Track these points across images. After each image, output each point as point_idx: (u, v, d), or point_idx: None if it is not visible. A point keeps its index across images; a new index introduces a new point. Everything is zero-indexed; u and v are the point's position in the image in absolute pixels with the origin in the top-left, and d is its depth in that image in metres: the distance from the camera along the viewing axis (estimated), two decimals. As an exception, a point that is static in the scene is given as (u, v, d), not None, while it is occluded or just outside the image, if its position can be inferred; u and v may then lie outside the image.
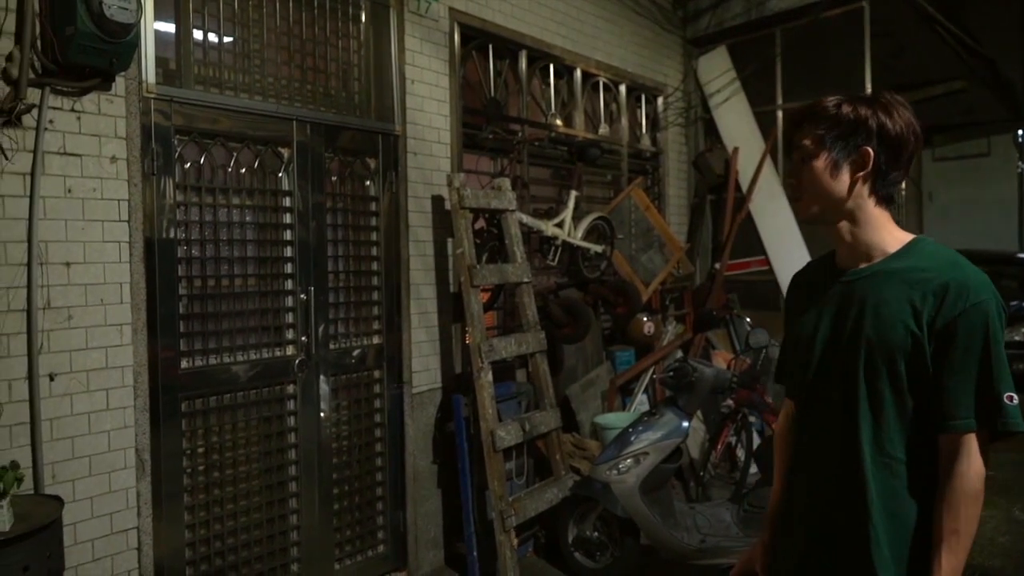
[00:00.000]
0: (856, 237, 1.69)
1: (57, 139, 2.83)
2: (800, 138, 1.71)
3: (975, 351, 1.55)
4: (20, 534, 2.33)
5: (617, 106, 5.97)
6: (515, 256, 4.38)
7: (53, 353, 2.81)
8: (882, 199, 1.68)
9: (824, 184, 1.67)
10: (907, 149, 1.66)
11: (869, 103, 1.66)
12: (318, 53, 3.82)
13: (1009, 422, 1.54)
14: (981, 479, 1.56)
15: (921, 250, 1.65)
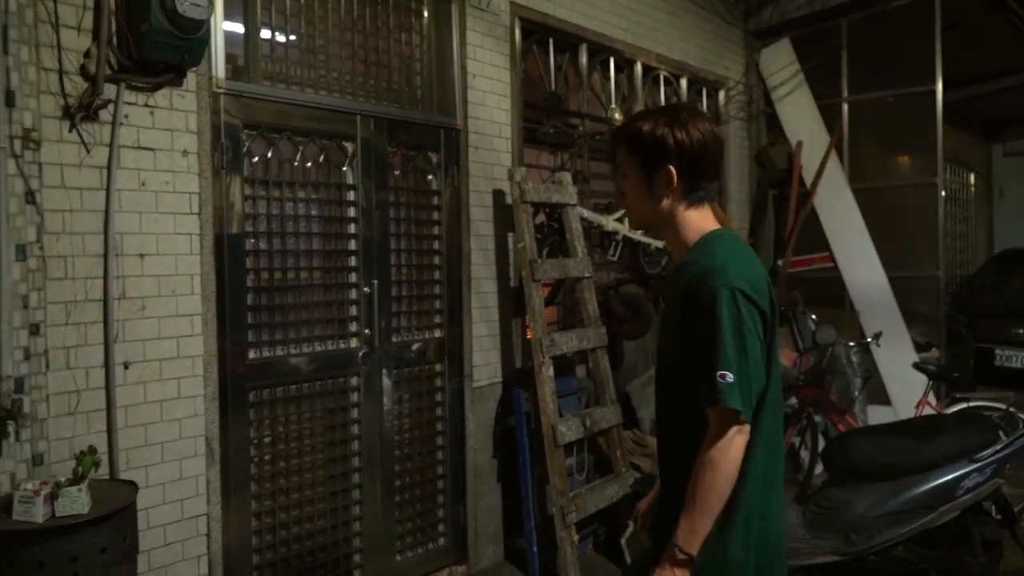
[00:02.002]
0: (675, 238, 1.89)
1: (132, 133, 2.90)
2: (618, 156, 1.92)
3: (705, 336, 1.70)
4: (98, 516, 2.39)
5: (678, 100, 5.89)
6: (576, 251, 4.35)
7: (128, 342, 2.88)
8: (694, 202, 1.85)
9: (641, 198, 1.88)
10: (708, 157, 1.83)
11: (668, 122, 1.82)
12: (381, 48, 3.85)
13: (719, 398, 1.67)
14: (721, 451, 1.68)
15: (703, 243, 1.82)
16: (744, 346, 1.68)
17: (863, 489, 3.69)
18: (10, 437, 2.56)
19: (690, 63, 5.89)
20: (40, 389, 2.65)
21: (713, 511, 1.70)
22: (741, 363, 1.68)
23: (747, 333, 1.69)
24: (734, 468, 1.70)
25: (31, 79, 2.63)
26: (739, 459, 1.70)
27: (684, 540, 1.70)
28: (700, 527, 1.70)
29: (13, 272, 2.57)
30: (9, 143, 2.57)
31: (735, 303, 1.69)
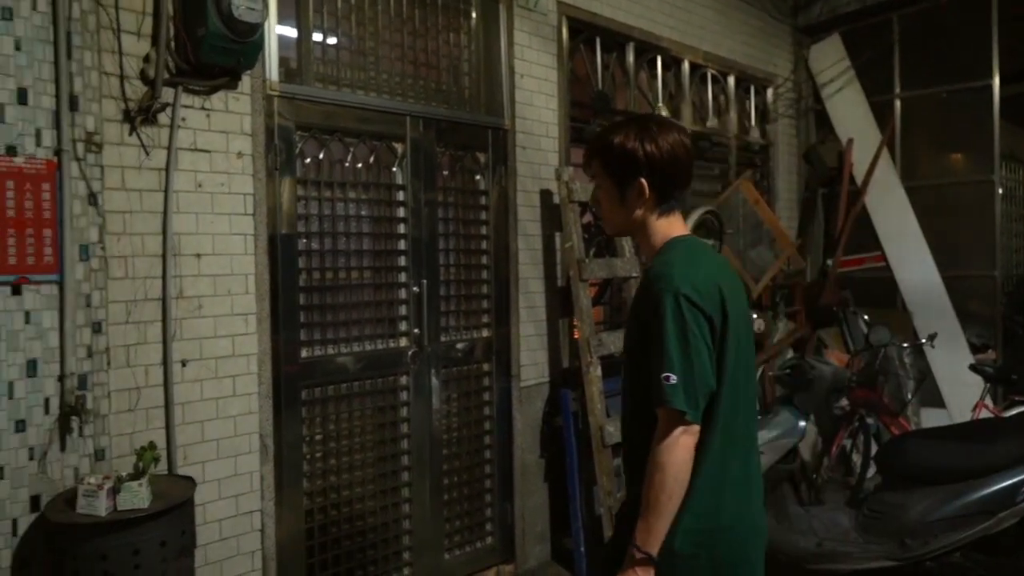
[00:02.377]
0: (645, 245, 1.96)
1: (189, 136, 2.96)
2: (592, 169, 1.98)
3: (656, 340, 1.76)
4: (158, 511, 2.45)
5: (725, 98, 5.83)
6: (623, 250, 4.34)
7: (185, 340, 2.94)
8: (665, 212, 1.92)
9: (614, 209, 1.95)
10: (678, 168, 1.90)
11: (638, 135, 1.87)
12: (430, 49, 3.88)
13: (664, 399, 1.73)
14: (667, 451, 1.73)
15: (663, 249, 1.90)
16: (688, 349, 1.73)
17: (919, 493, 3.62)
18: (74, 432, 2.64)
19: (738, 60, 5.83)
20: (102, 386, 2.71)
21: (665, 510, 1.74)
22: (685, 365, 1.73)
23: (691, 337, 1.74)
24: (682, 467, 1.74)
25: (93, 84, 2.70)
26: (686, 458, 1.75)
27: (641, 540, 1.75)
28: (655, 527, 1.74)
29: (76, 272, 2.64)
30: (72, 146, 2.64)
31: (679, 308, 1.74)
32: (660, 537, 1.75)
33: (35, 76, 2.56)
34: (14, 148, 2.52)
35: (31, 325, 2.55)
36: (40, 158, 2.57)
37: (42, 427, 2.57)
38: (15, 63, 2.52)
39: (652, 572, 1.76)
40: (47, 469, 2.58)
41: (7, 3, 2.50)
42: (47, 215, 2.58)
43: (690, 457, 1.75)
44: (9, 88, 2.51)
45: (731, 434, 1.83)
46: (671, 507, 1.74)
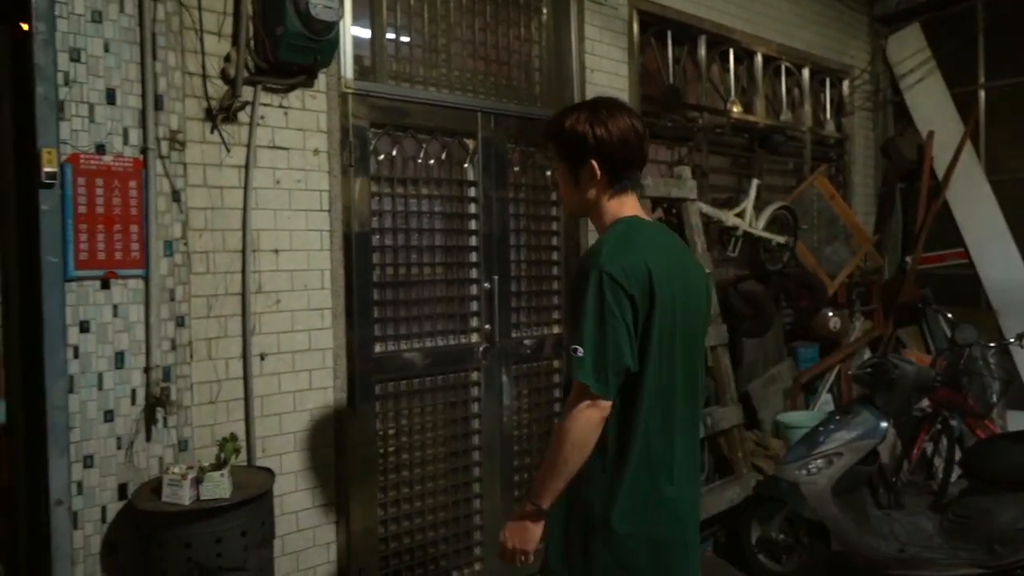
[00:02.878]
0: (598, 224, 2.01)
1: (267, 134, 3.01)
2: (549, 151, 2.06)
3: (575, 314, 1.83)
4: (239, 500, 2.50)
5: (799, 90, 5.69)
6: (695, 246, 4.27)
7: (263, 334, 2.99)
8: (617, 192, 1.96)
9: (570, 190, 2.01)
10: (628, 150, 1.94)
11: (588, 119, 1.93)
12: (501, 45, 3.88)
13: (574, 372, 1.79)
14: (571, 419, 1.79)
15: (609, 229, 1.95)
16: (603, 326, 1.78)
17: (1009, 498, 3.48)
18: (159, 423, 2.71)
19: (812, 52, 5.68)
20: (185, 378, 2.78)
21: (559, 472, 1.82)
22: (597, 341, 1.78)
23: (607, 314, 1.78)
24: (580, 436, 1.80)
25: (177, 84, 2.77)
26: (586, 429, 1.80)
27: (534, 494, 1.87)
28: (549, 485, 1.84)
29: (161, 267, 2.71)
30: (157, 144, 2.71)
31: (600, 285, 1.78)
32: (554, 494, 1.85)
33: (122, 77, 2.64)
34: (103, 147, 2.60)
35: (119, 318, 2.63)
36: (127, 156, 2.64)
37: (129, 417, 2.65)
38: (104, 64, 2.60)
39: (541, 522, 1.89)
40: (133, 458, 2.66)
41: (96, 6, 2.58)
42: (134, 212, 2.65)
43: (592, 430, 1.80)
44: (98, 88, 2.58)
45: (665, 414, 1.89)
46: (565, 470, 1.82)
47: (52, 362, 2.48)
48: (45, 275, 2.47)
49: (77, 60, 2.53)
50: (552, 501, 1.86)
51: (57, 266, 2.49)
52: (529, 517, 1.89)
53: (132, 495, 2.59)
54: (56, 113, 2.48)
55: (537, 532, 1.90)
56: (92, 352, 2.57)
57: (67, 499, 2.51)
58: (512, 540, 1.92)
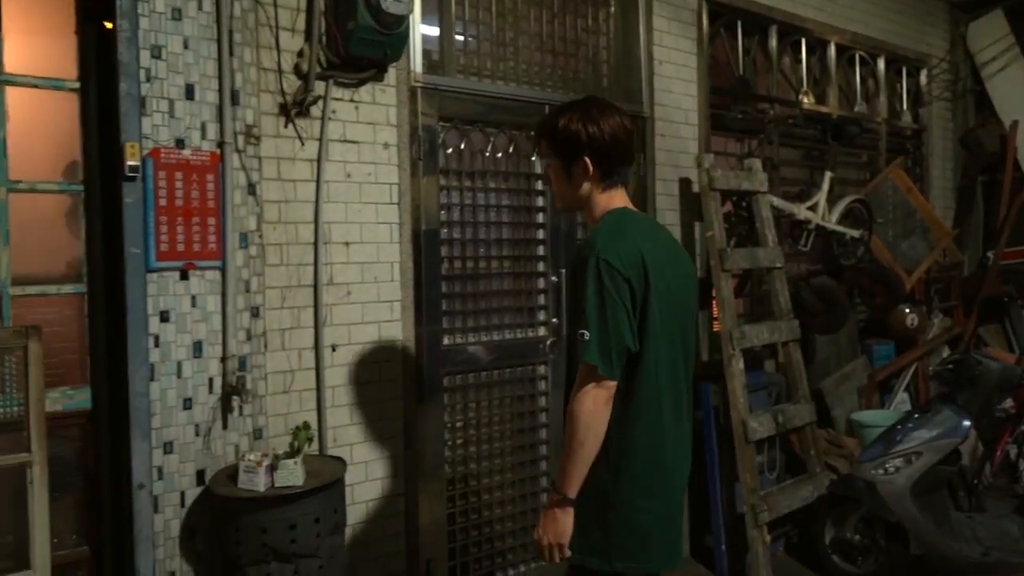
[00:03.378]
0: (590, 217, 2.12)
1: (338, 128, 3.05)
2: (541, 150, 2.17)
3: (578, 300, 1.93)
4: (313, 488, 2.53)
5: (875, 81, 5.54)
6: (766, 240, 4.18)
7: (334, 326, 3.03)
8: (608, 187, 2.08)
9: (561, 186, 2.12)
10: (620, 147, 2.06)
11: (580, 118, 2.02)
12: (569, 38, 3.86)
13: (581, 353, 1.87)
14: (579, 402, 1.87)
15: (601, 220, 2.06)
16: (604, 310, 1.87)
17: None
18: (234, 411, 2.77)
19: (888, 41, 5.52)
20: (260, 368, 2.84)
21: (578, 456, 1.88)
22: (600, 324, 1.87)
23: (608, 299, 1.87)
24: (592, 417, 1.87)
25: (252, 79, 2.83)
26: (597, 410, 1.87)
27: (560, 483, 1.93)
28: (571, 472, 1.89)
29: (237, 259, 2.77)
30: (234, 139, 2.77)
31: (599, 271, 1.88)
32: (578, 480, 1.90)
33: (201, 73, 2.70)
34: (182, 141, 2.66)
35: (197, 308, 2.70)
36: (205, 150, 2.71)
37: (206, 405, 2.71)
38: (183, 61, 2.67)
39: (571, 511, 1.92)
40: (211, 445, 2.72)
41: (176, 4, 2.65)
42: (211, 204, 2.72)
43: (603, 410, 1.88)
44: (178, 84, 2.66)
45: (665, 391, 1.99)
46: (584, 454, 1.88)
47: (134, 350, 2.56)
48: (128, 266, 2.55)
49: (158, 57, 2.61)
50: (578, 488, 1.91)
51: (139, 257, 2.57)
52: (558, 508, 1.93)
53: (210, 481, 2.66)
54: (138, 108, 2.56)
55: (569, 522, 1.94)
56: (172, 341, 2.64)
57: (148, 483, 2.58)
58: (547, 535, 1.95)
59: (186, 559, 2.68)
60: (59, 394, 2.59)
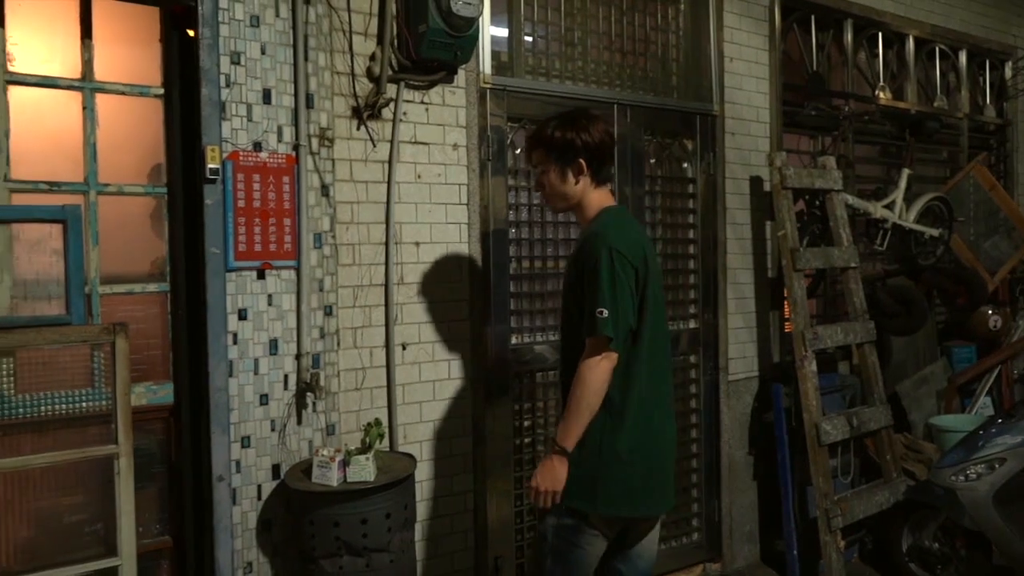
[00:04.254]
0: (583, 214, 2.43)
1: (409, 129, 3.10)
2: (535, 158, 2.46)
3: (589, 283, 2.23)
4: (384, 484, 2.58)
5: (956, 74, 5.36)
6: (841, 239, 4.08)
7: (405, 324, 3.08)
8: (599, 184, 2.42)
9: (559, 188, 2.41)
10: (608, 149, 2.42)
11: (573, 127, 2.36)
12: (637, 36, 3.84)
13: (596, 328, 2.18)
14: (588, 370, 2.20)
15: (597, 216, 2.39)
16: (616, 291, 2.19)
17: None
18: (308, 407, 2.84)
19: (970, 33, 5.33)
20: (332, 365, 2.90)
21: (582, 416, 2.21)
22: (613, 304, 2.18)
23: (618, 282, 2.19)
24: (599, 384, 2.21)
25: (326, 83, 2.89)
26: (604, 379, 2.21)
27: (560, 438, 2.25)
28: (572, 428, 2.22)
29: (311, 258, 2.84)
30: (308, 141, 2.83)
31: (611, 259, 2.20)
32: (576, 436, 2.23)
33: (277, 77, 2.78)
34: (259, 144, 2.74)
35: (273, 307, 2.77)
36: (281, 153, 2.78)
37: (282, 401, 2.79)
38: (261, 66, 2.74)
39: (566, 463, 2.24)
40: (286, 440, 2.80)
41: (254, 11, 2.72)
42: (287, 206, 2.79)
43: (607, 378, 2.22)
44: (256, 89, 2.73)
45: (654, 364, 2.32)
46: (586, 414, 2.21)
47: (214, 347, 2.65)
48: (208, 266, 2.64)
49: (237, 63, 2.69)
50: (574, 443, 2.23)
51: (219, 257, 2.65)
52: (557, 455, 2.25)
53: (285, 475, 2.73)
54: (219, 113, 2.65)
55: (564, 472, 2.25)
56: (249, 339, 2.72)
57: (227, 476, 2.67)
58: (544, 483, 2.26)
59: (262, 550, 2.76)
60: (144, 389, 2.69)
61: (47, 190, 2.55)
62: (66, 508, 2.64)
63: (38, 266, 2.54)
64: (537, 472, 2.28)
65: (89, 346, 2.56)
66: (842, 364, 4.53)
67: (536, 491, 2.28)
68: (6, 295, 2.47)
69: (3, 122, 2.47)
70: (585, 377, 2.20)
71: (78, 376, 2.59)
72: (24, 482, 2.54)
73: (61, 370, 2.57)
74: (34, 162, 2.55)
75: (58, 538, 2.61)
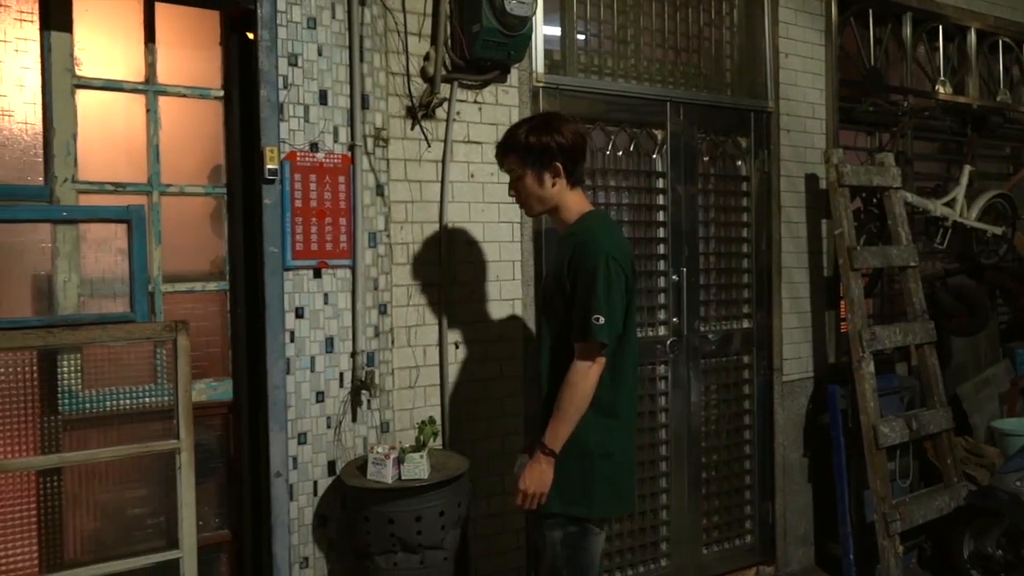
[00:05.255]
0: (561, 216, 2.45)
1: (462, 129, 3.11)
2: (509, 164, 2.46)
3: (584, 290, 2.25)
4: (438, 482, 2.59)
5: (1020, 68, 5.20)
6: (899, 238, 4.00)
7: (458, 323, 3.09)
8: (574, 184, 2.43)
9: (536, 191, 2.41)
10: (582, 150, 2.43)
11: (547, 131, 2.36)
12: (691, 33, 3.80)
13: (593, 334, 2.21)
14: (579, 375, 2.24)
15: (583, 219, 2.41)
16: (611, 298, 2.23)
17: None
18: (363, 405, 2.87)
19: (1036, 25, 5.17)
20: (387, 363, 2.93)
21: (571, 419, 2.25)
22: (609, 311, 2.22)
23: (613, 289, 2.24)
24: (589, 389, 2.25)
25: (381, 83, 2.91)
26: (595, 383, 2.25)
27: (549, 440, 2.27)
28: (562, 432, 2.25)
29: (366, 257, 2.87)
30: (364, 142, 2.86)
31: (608, 267, 2.23)
32: (564, 438, 2.26)
33: (333, 78, 2.81)
34: (316, 144, 2.78)
35: (329, 306, 2.81)
36: (337, 153, 2.82)
37: (337, 399, 2.82)
38: (317, 67, 2.78)
39: (553, 465, 2.27)
40: (341, 437, 2.83)
41: (311, 14, 2.76)
42: (343, 205, 2.82)
43: (596, 381, 2.25)
44: (312, 91, 2.77)
45: (635, 365, 2.42)
46: (576, 417, 2.25)
47: (272, 345, 2.69)
48: (266, 264, 2.68)
49: (295, 64, 2.73)
50: (562, 445, 2.27)
51: (277, 256, 2.69)
52: (546, 456, 2.27)
53: (340, 471, 2.76)
54: (277, 114, 2.69)
55: (551, 475, 2.28)
56: (306, 337, 2.76)
57: (285, 472, 2.71)
58: (532, 486, 2.28)
59: (318, 545, 2.80)
60: (204, 385, 2.75)
61: (112, 191, 2.61)
62: (129, 501, 2.71)
63: (104, 265, 2.60)
64: (525, 475, 2.30)
65: (152, 343, 2.63)
66: (900, 365, 4.43)
67: (524, 494, 2.30)
68: (74, 293, 2.54)
69: (71, 125, 2.54)
70: (577, 382, 2.24)
71: (141, 372, 2.65)
72: (90, 475, 2.61)
73: (125, 366, 2.64)
74: (100, 164, 2.62)
75: (122, 530, 2.68)
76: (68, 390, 2.51)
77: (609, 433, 2.33)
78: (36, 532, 2.51)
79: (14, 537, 2.46)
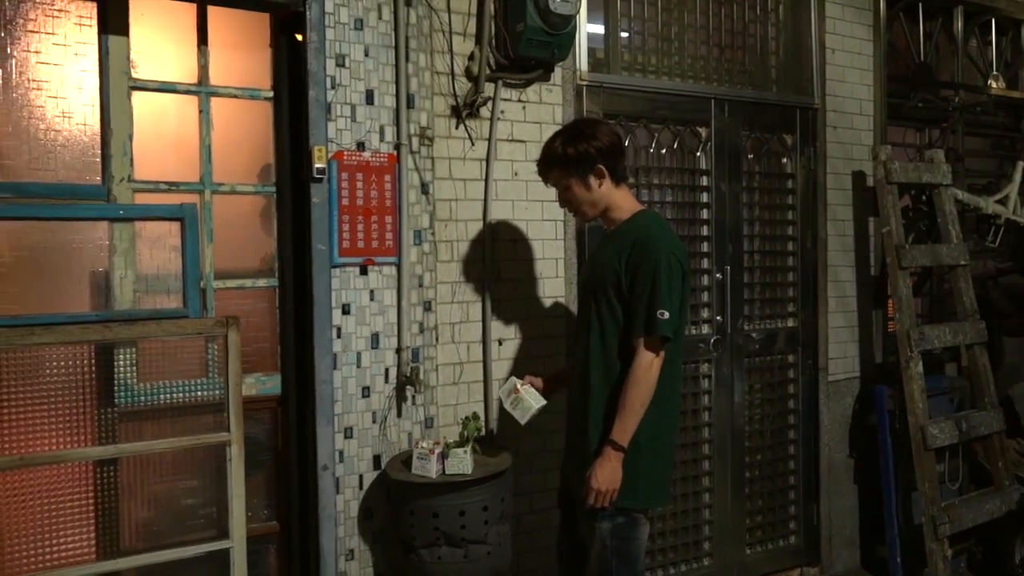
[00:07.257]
0: (611, 215, 2.50)
1: (506, 127, 3.13)
2: (553, 178, 2.52)
3: (647, 285, 2.29)
4: (481, 477, 2.62)
5: (1075, 62, 5.06)
6: (949, 236, 3.93)
7: (501, 320, 3.12)
8: (619, 182, 2.48)
9: (586, 197, 2.47)
10: (620, 148, 2.48)
11: (583, 138, 2.42)
12: (735, 29, 3.78)
13: (658, 329, 2.26)
14: (645, 369, 2.28)
15: (634, 219, 2.46)
16: (672, 293, 2.28)
17: None
18: (408, 400, 2.91)
19: (1093, 17, 5.03)
20: (431, 360, 2.96)
21: (637, 415, 2.28)
22: (671, 305, 2.27)
23: (674, 285, 2.30)
24: (655, 382, 2.29)
25: (426, 83, 2.95)
26: (657, 376, 2.30)
27: (618, 436, 2.29)
28: (631, 426, 2.28)
29: (411, 255, 2.91)
30: (409, 141, 2.90)
31: (669, 264, 2.30)
32: (631, 433, 2.28)
33: (379, 79, 2.85)
34: (363, 144, 2.82)
35: (374, 302, 2.85)
36: (383, 152, 2.86)
37: (383, 394, 2.87)
38: (364, 68, 2.82)
39: (622, 457, 2.29)
40: (387, 432, 2.87)
41: (358, 15, 2.80)
42: (388, 203, 2.86)
43: (658, 375, 2.30)
44: (359, 90, 2.81)
45: (681, 360, 2.48)
46: (642, 412, 2.28)
47: (320, 341, 2.74)
48: (315, 261, 2.73)
49: (342, 65, 2.77)
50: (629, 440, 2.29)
51: (325, 253, 2.74)
52: (615, 459, 2.28)
53: (386, 466, 2.80)
54: (324, 114, 2.74)
55: (620, 471, 2.29)
56: (352, 333, 2.81)
57: (331, 466, 2.76)
58: (605, 483, 2.28)
59: (363, 538, 2.84)
60: (253, 379, 2.81)
61: (166, 190, 2.68)
62: (181, 492, 2.78)
63: (158, 262, 2.68)
64: (597, 472, 2.29)
65: (204, 338, 2.70)
66: (949, 366, 4.36)
67: (597, 492, 2.29)
68: (130, 289, 2.62)
69: (127, 126, 2.61)
70: (642, 377, 2.28)
71: (193, 367, 2.72)
72: (144, 466, 2.69)
73: (178, 361, 2.71)
74: (154, 163, 2.70)
75: (174, 520, 2.75)
76: (124, 383, 2.59)
77: (659, 426, 2.37)
78: (93, 520, 2.59)
79: (73, 525, 2.55)
